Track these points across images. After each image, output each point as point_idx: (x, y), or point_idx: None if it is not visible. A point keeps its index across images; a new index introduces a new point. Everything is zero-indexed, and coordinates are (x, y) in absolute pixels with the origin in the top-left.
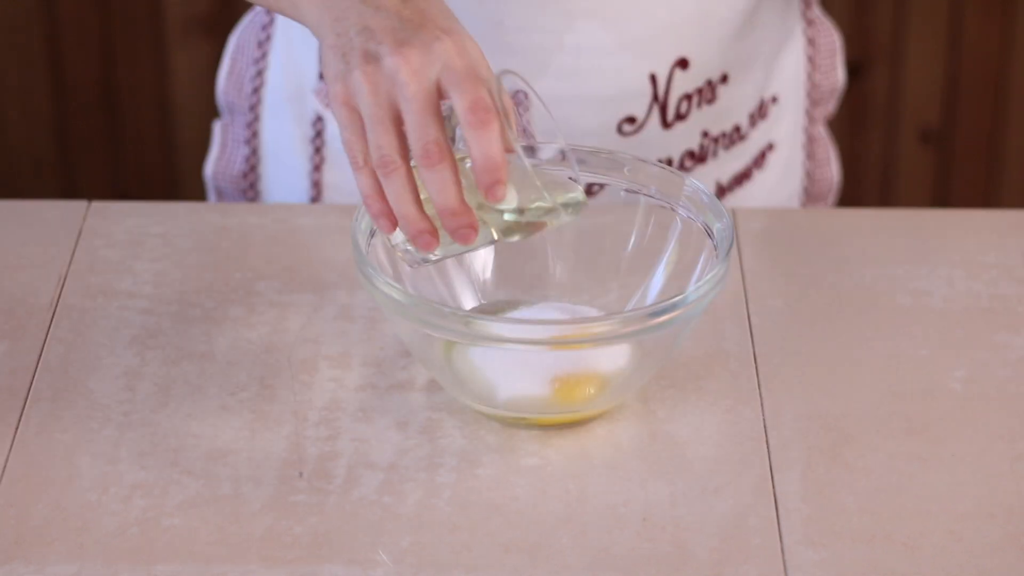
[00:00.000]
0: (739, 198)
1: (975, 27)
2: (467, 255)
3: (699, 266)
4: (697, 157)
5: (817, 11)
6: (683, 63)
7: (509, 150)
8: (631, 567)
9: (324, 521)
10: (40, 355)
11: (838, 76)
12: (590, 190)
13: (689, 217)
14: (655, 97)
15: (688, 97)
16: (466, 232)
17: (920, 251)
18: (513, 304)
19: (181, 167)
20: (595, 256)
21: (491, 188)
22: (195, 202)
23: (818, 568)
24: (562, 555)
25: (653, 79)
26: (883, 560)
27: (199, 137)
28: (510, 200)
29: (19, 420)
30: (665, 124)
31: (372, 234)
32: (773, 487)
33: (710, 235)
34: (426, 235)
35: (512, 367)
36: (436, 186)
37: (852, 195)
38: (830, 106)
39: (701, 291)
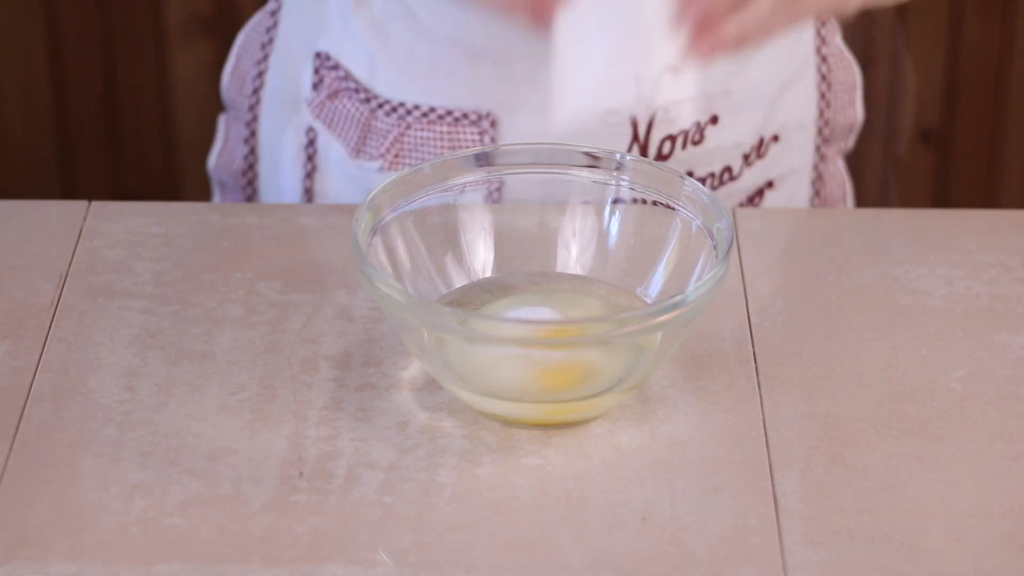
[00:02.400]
0: None
1: (975, 27)
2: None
3: (699, 266)
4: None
5: (836, 45)
6: (664, 107)
7: None
8: (631, 567)
9: (324, 521)
10: (40, 355)
11: (856, 112)
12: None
13: (689, 217)
14: (635, 138)
15: (672, 138)
16: None
17: (920, 251)
18: (510, 289)
19: (181, 167)
20: (595, 256)
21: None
22: (195, 202)
23: (817, 568)
24: (562, 555)
25: (634, 122)
26: (882, 560)
27: (199, 137)
28: None
29: (19, 420)
30: None
31: (373, 233)
32: (773, 487)
33: (710, 235)
34: None
35: (505, 357)
36: None
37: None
38: (848, 141)
39: (701, 291)
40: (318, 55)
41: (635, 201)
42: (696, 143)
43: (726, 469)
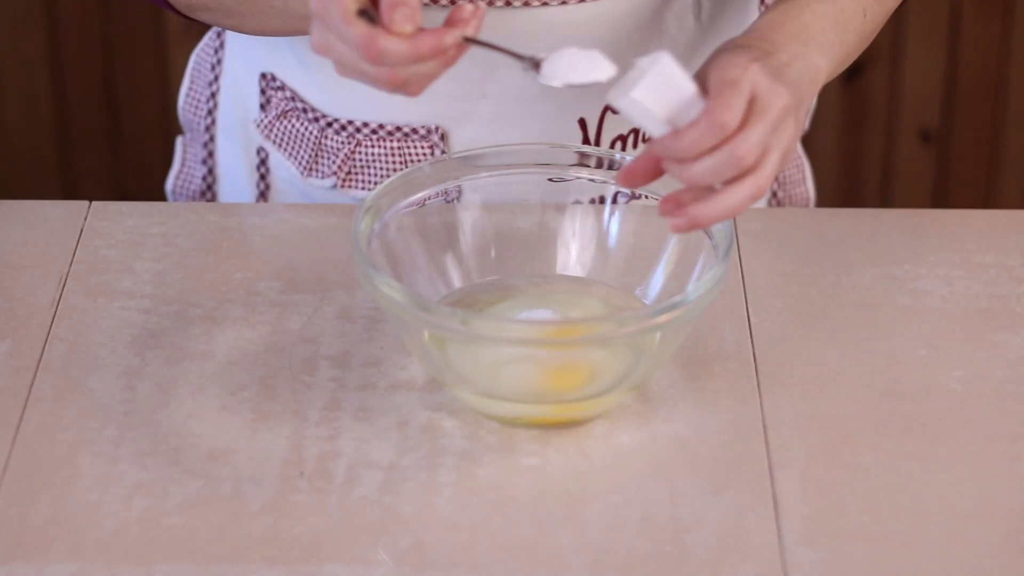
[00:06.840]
0: None
1: (974, 27)
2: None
3: (699, 266)
4: (633, 195)
5: None
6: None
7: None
8: (631, 567)
9: (324, 521)
10: (41, 355)
11: None
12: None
13: None
14: (585, 141)
15: (623, 138)
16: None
17: (919, 251)
18: (510, 290)
19: None
20: (594, 256)
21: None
22: (195, 202)
23: (817, 568)
24: (562, 555)
25: (583, 124)
26: (882, 560)
27: None
28: None
29: (20, 420)
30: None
31: (373, 233)
32: (772, 487)
33: (709, 235)
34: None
35: (506, 358)
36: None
37: (852, 195)
38: (804, 124)
39: (701, 291)
40: (263, 76)
41: (635, 199)
42: (647, 140)
43: (726, 469)
